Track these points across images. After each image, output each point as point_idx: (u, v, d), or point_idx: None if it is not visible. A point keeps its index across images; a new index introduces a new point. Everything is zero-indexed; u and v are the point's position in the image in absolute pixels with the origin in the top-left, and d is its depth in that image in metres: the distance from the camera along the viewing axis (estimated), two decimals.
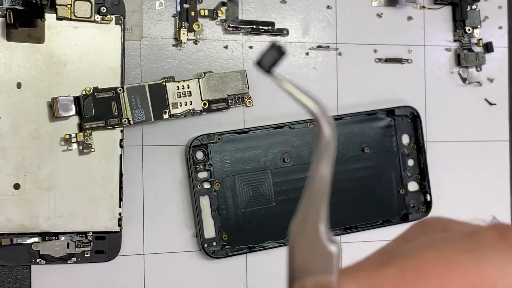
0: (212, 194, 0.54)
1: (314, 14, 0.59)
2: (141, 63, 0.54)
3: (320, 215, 0.15)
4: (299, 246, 0.15)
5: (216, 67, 0.55)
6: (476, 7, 0.63)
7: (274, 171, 0.56)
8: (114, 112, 0.51)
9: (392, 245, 0.17)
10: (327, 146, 0.15)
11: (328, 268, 0.15)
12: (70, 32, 0.50)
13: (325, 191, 0.15)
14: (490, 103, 0.64)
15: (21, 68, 0.49)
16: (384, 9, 0.61)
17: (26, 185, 0.49)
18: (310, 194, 0.15)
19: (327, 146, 0.15)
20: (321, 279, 0.15)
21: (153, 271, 0.54)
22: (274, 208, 0.56)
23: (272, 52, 0.14)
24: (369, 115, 0.59)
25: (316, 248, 0.15)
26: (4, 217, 0.49)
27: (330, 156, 0.15)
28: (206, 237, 0.54)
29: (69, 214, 0.50)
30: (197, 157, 0.54)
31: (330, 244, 0.15)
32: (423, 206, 0.61)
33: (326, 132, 0.15)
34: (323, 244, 0.15)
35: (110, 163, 0.51)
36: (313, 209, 0.15)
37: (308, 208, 0.15)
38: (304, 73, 0.58)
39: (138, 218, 0.53)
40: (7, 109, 0.49)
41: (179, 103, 0.53)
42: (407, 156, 0.61)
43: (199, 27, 0.55)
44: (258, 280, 0.56)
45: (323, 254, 0.15)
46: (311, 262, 0.15)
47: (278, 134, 0.56)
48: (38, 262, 0.50)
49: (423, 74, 0.62)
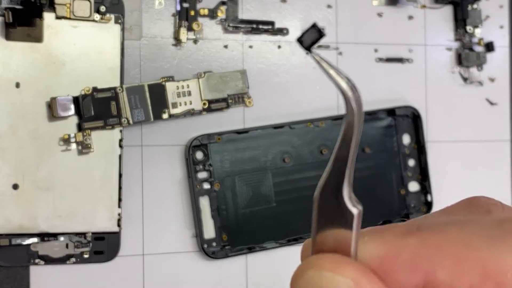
0: (212, 194, 0.54)
1: (315, 13, 0.58)
2: (141, 63, 0.53)
3: (344, 179, 0.16)
4: (324, 205, 0.17)
5: (216, 66, 0.55)
6: (477, 6, 0.62)
7: (274, 171, 0.56)
8: (113, 112, 0.51)
9: (431, 216, 0.18)
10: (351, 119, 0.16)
11: (349, 226, 0.17)
12: (69, 31, 0.50)
13: (349, 158, 0.16)
14: (491, 103, 0.64)
15: (20, 67, 0.49)
16: (385, 8, 0.60)
17: (24, 186, 0.49)
18: (335, 159, 0.16)
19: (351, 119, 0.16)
20: (341, 233, 0.17)
21: (153, 271, 0.53)
22: (274, 208, 0.56)
23: (312, 32, 0.16)
24: (369, 115, 0.59)
25: (338, 208, 0.17)
26: (2, 217, 0.49)
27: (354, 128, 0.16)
28: (205, 238, 0.54)
29: (68, 214, 0.50)
30: (197, 157, 0.54)
31: (352, 206, 0.17)
32: (424, 206, 0.61)
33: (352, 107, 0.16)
34: (345, 205, 0.17)
35: (109, 163, 0.51)
36: (337, 172, 0.16)
37: (332, 171, 0.17)
38: (304, 73, 0.58)
39: (137, 218, 0.53)
40: (6, 109, 0.49)
41: (179, 103, 0.53)
42: (407, 156, 0.60)
43: (198, 26, 0.55)
44: (258, 281, 0.56)
45: (344, 213, 0.17)
46: (333, 219, 0.17)
47: (278, 134, 0.56)
48: (36, 262, 0.50)
49: (424, 74, 0.62)
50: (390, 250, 0.16)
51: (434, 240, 0.16)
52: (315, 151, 0.57)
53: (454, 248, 0.16)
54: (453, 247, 0.16)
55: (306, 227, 0.56)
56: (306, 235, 0.56)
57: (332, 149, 0.17)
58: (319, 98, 0.58)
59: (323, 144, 0.57)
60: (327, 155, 0.57)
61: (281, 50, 0.57)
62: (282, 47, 0.57)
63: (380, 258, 0.16)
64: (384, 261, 0.16)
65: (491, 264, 0.15)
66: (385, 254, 0.16)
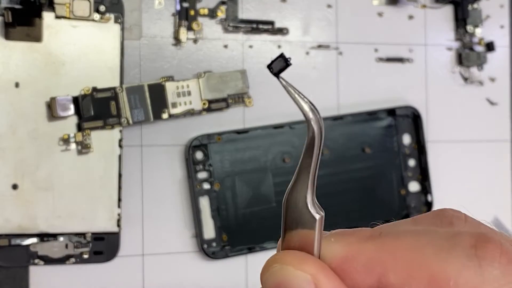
0: (212, 195, 0.54)
1: (315, 13, 0.58)
2: (140, 63, 0.53)
3: (307, 188, 0.19)
4: (291, 209, 0.20)
5: (216, 66, 0.55)
6: (477, 6, 0.62)
7: (274, 171, 0.56)
8: (113, 112, 0.51)
9: (398, 224, 0.19)
10: (312, 138, 0.19)
11: (313, 229, 0.19)
12: (69, 31, 0.50)
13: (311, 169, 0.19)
14: (492, 103, 0.64)
15: (19, 67, 0.49)
16: (385, 8, 0.60)
17: (24, 186, 0.49)
18: (298, 170, 0.19)
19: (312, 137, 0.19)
20: (306, 233, 0.19)
21: (152, 272, 0.53)
22: (274, 208, 0.56)
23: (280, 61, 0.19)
24: (369, 115, 0.59)
25: (303, 212, 0.19)
26: (2, 217, 0.49)
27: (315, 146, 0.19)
28: (205, 238, 0.54)
29: (67, 214, 0.50)
30: (197, 157, 0.54)
31: (315, 213, 0.19)
32: (424, 206, 0.60)
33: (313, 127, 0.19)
34: (308, 210, 0.19)
35: (109, 163, 0.51)
36: (302, 182, 0.19)
37: (297, 182, 0.19)
38: (304, 73, 0.58)
39: (137, 218, 0.53)
40: (5, 109, 0.49)
41: (179, 103, 0.53)
42: (408, 156, 0.60)
43: (198, 26, 0.54)
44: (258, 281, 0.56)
45: (308, 217, 0.19)
46: (299, 221, 0.19)
47: (278, 134, 0.56)
48: (36, 263, 0.50)
49: (424, 74, 0.61)
50: (350, 252, 0.18)
51: (390, 245, 0.17)
52: None
53: (406, 254, 0.17)
54: (406, 254, 0.17)
55: None
56: None
57: (332, 149, 0.18)
58: (319, 98, 0.57)
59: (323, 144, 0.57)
60: (327, 155, 0.57)
61: (281, 50, 0.57)
62: (282, 47, 0.57)
63: (341, 258, 0.18)
64: (344, 262, 0.18)
65: (437, 272, 0.16)
66: (346, 255, 0.18)
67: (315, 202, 0.19)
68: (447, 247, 0.17)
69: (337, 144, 0.57)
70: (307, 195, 0.19)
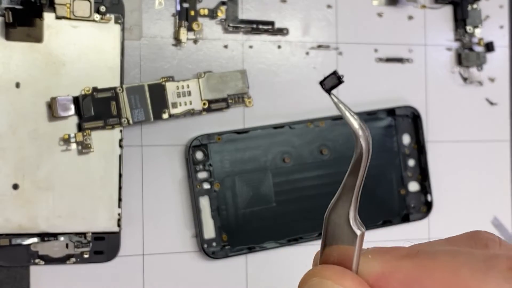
0: (212, 194, 0.54)
1: (314, 13, 0.58)
2: (141, 63, 0.53)
3: (351, 204, 0.19)
4: (332, 225, 0.20)
5: (216, 66, 0.55)
6: (477, 6, 0.62)
7: (274, 171, 0.56)
8: (113, 112, 0.51)
9: (434, 243, 0.20)
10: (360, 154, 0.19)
11: (353, 244, 0.19)
12: (69, 31, 0.50)
13: (356, 187, 0.19)
14: (491, 103, 0.64)
15: (20, 67, 0.49)
16: (385, 8, 0.60)
17: (25, 186, 0.49)
18: (343, 186, 0.20)
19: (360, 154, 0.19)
20: (346, 249, 0.19)
21: (153, 271, 0.53)
22: (274, 208, 0.56)
23: (333, 78, 0.19)
24: (369, 115, 0.59)
25: (344, 229, 0.19)
26: (2, 217, 0.49)
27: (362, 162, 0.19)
28: (205, 238, 0.54)
29: (68, 214, 0.50)
30: (197, 157, 0.54)
31: (357, 229, 0.19)
32: (424, 206, 0.61)
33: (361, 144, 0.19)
34: (350, 227, 0.19)
35: (109, 163, 0.51)
36: (345, 198, 0.19)
37: (341, 198, 0.20)
38: (304, 73, 0.58)
39: (137, 218, 0.53)
40: (6, 109, 0.49)
41: (179, 103, 0.53)
42: (407, 156, 0.60)
43: (198, 26, 0.55)
44: (258, 281, 0.56)
45: (349, 233, 0.19)
46: (340, 237, 0.20)
47: (278, 134, 0.56)
48: (37, 262, 0.50)
49: (424, 74, 0.62)
50: (387, 268, 0.18)
51: (427, 264, 0.18)
52: (315, 151, 0.57)
53: (444, 273, 0.17)
54: (443, 273, 0.17)
55: (306, 227, 0.56)
56: (306, 235, 0.56)
57: (332, 149, 0.18)
58: (319, 98, 0.58)
59: (323, 144, 0.57)
60: (327, 155, 0.57)
61: (281, 50, 0.57)
62: (282, 47, 0.57)
63: (378, 274, 0.18)
64: (381, 278, 0.18)
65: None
66: (383, 271, 0.18)
67: (357, 218, 0.20)
68: (484, 268, 0.17)
69: (337, 144, 0.58)
70: (349, 212, 0.20)
